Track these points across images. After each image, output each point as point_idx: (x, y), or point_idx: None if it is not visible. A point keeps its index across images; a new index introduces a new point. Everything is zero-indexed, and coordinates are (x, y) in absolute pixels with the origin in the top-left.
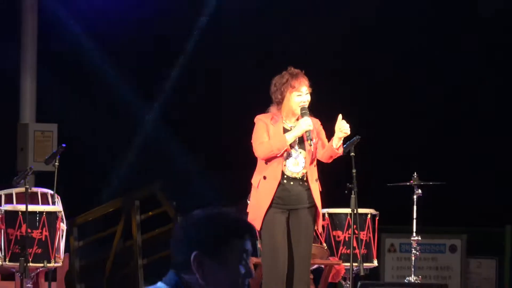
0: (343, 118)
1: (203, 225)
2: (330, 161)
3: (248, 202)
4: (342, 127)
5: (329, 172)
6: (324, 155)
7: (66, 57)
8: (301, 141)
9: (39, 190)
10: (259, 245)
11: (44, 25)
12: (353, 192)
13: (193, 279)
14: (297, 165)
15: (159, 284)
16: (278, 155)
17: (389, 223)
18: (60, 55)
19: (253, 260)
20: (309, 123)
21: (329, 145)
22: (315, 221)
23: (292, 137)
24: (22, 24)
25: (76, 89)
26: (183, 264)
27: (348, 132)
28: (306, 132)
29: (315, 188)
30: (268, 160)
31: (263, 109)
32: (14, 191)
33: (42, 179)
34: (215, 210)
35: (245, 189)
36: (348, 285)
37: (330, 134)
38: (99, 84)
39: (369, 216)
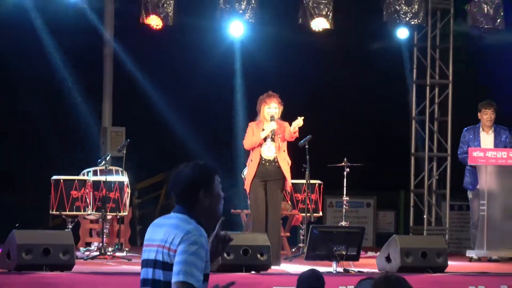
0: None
1: (200, 173)
2: (293, 139)
3: (243, 175)
4: (299, 123)
5: (295, 159)
6: (288, 137)
7: (130, 84)
8: (272, 137)
9: (114, 167)
10: (249, 202)
11: (117, 64)
12: (307, 170)
13: (197, 208)
14: (270, 151)
15: (172, 214)
16: (256, 146)
17: (329, 189)
18: (128, 82)
19: (246, 211)
20: (273, 126)
21: (289, 129)
22: (282, 188)
23: (264, 134)
24: (103, 64)
25: (138, 104)
26: (190, 199)
27: (301, 124)
28: (271, 130)
29: (285, 166)
30: (251, 149)
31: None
32: (98, 168)
33: (115, 161)
34: (198, 163)
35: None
36: (303, 227)
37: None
38: (150, 99)
39: (316, 184)
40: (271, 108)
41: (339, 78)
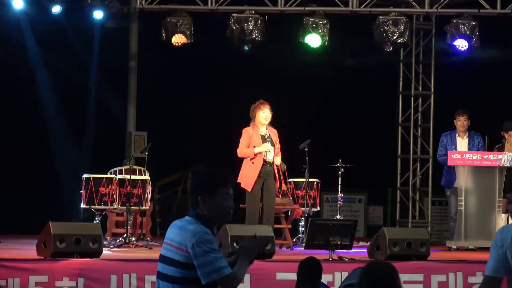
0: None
1: (199, 180)
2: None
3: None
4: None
5: (296, 160)
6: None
7: (151, 94)
8: (272, 145)
9: (137, 167)
10: (247, 197)
11: (140, 76)
12: (306, 169)
13: (201, 211)
14: (270, 154)
15: (186, 217)
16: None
17: (325, 186)
18: (149, 93)
19: (242, 206)
20: (266, 148)
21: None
22: (275, 186)
23: (257, 151)
24: (128, 76)
25: (158, 112)
26: (193, 203)
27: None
28: (264, 151)
29: (277, 169)
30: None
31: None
32: (123, 167)
33: (138, 161)
34: (199, 171)
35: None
36: (303, 219)
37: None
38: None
39: (315, 182)
40: (265, 113)
41: (334, 89)
